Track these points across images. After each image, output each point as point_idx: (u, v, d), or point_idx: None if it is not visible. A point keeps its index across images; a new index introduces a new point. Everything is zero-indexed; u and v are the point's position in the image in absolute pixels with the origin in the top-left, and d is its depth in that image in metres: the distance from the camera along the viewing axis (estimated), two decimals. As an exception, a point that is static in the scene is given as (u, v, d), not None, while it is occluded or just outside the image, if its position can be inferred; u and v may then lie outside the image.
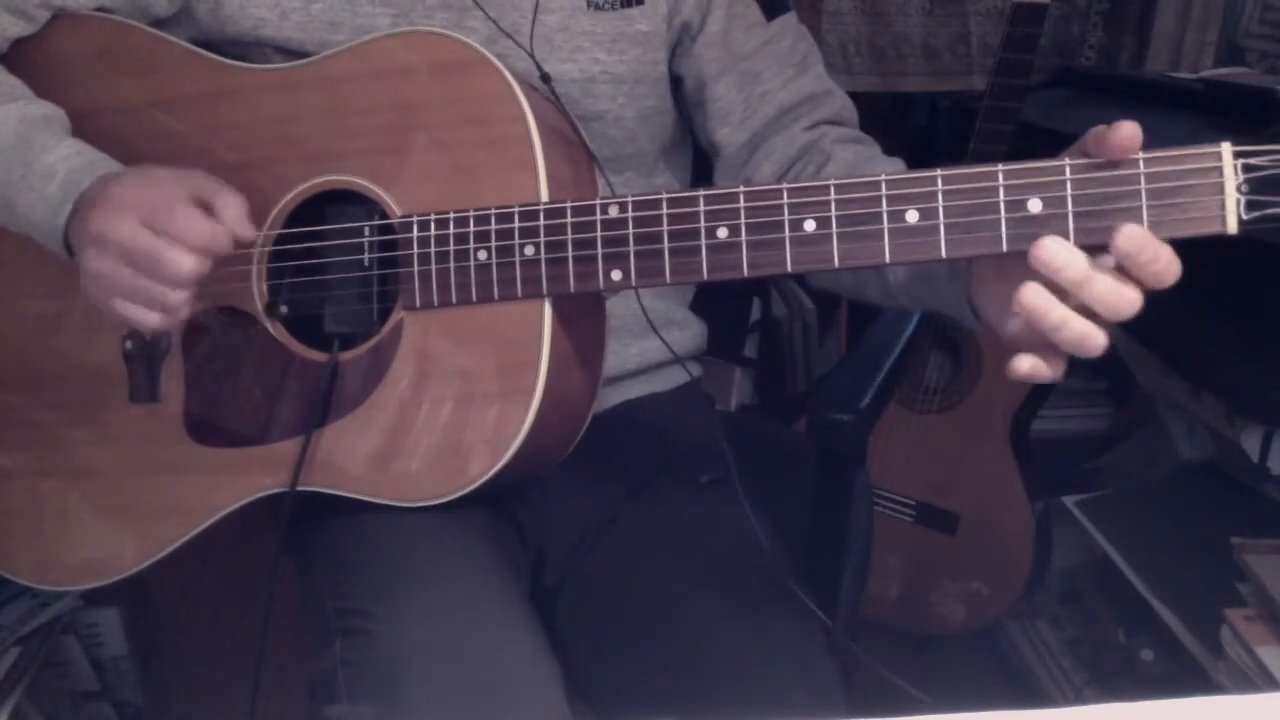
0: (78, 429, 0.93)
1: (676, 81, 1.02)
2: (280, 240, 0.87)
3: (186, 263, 0.80)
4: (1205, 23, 1.83)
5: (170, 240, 0.79)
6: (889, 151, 0.96)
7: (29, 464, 0.95)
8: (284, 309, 0.88)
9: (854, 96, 1.05)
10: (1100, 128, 0.65)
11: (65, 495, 0.94)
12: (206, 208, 0.82)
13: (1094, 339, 0.65)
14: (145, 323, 0.83)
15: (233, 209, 0.83)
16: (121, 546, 0.92)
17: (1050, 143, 0.68)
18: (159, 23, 0.95)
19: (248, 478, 0.87)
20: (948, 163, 0.71)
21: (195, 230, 0.80)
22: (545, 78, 0.89)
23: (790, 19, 1.01)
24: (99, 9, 0.94)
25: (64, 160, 0.86)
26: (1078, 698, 1.59)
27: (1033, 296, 0.64)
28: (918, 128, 2.20)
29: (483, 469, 0.81)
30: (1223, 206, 0.64)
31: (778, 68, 0.99)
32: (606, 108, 0.96)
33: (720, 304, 1.23)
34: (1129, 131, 0.64)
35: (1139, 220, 0.65)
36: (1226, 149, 0.64)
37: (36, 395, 0.95)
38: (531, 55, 0.90)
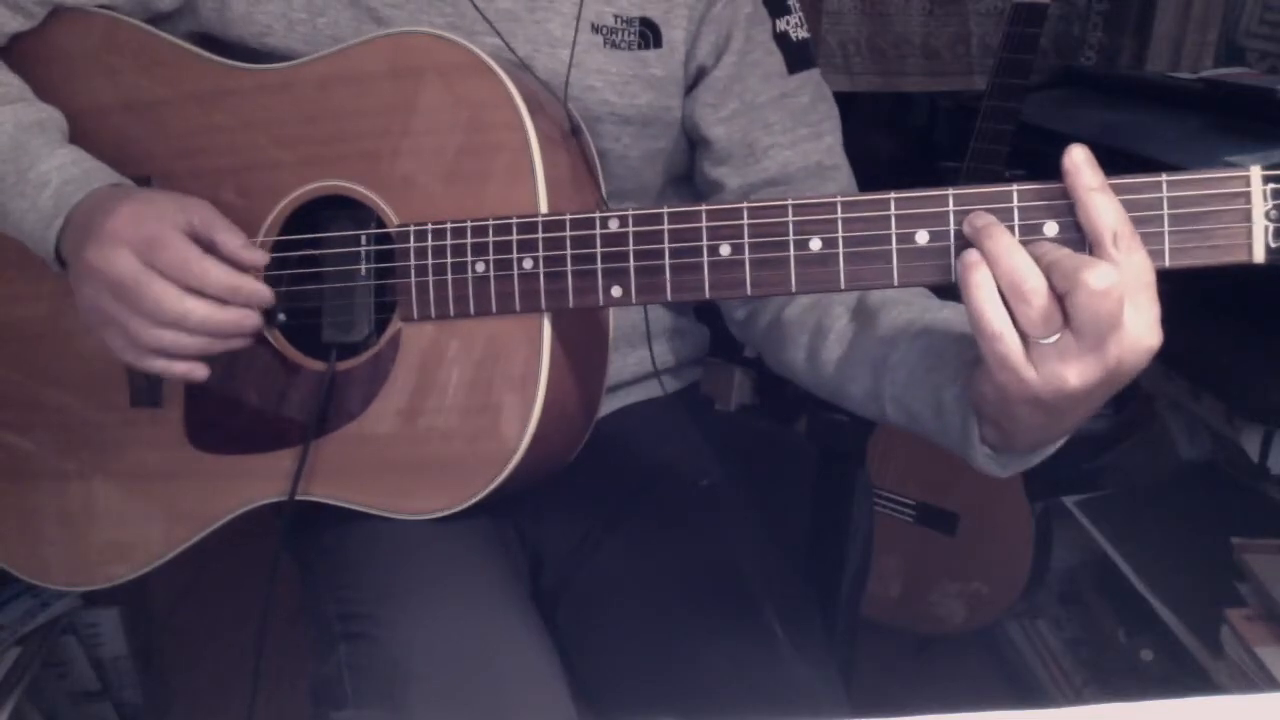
0: (81, 432, 0.93)
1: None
2: (277, 246, 0.86)
3: (170, 299, 0.79)
4: (1205, 23, 1.83)
5: (157, 275, 0.79)
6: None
7: (32, 466, 0.95)
8: (281, 316, 0.87)
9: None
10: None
11: (67, 498, 0.94)
12: (203, 241, 0.82)
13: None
14: (129, 359, 0.83)
15: (229, 244, 0.82)
16: (122, 550, 0.92)
17: (1050, 143, 0.67)
18: (161, 16, 0.95)
19: (247, 486, 0.87)
20: (947, 163, 0.69)
21: (189, 268, 0.80)
22: (576, 130, 0.87)
23: (813, 76, 0.98)
24: (101, 5, 0.94)
25: (58, 170, 0.85)
26: (1078, 698, 1.59)
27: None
28: (918, 128, 2.21)
29: (481, 485, 0.81)
30: (1249, 235, 0.61)
31: (790, 123, 0.96)
32: (610, 147, 0.94)
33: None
34: (1071, 157, 0.61)
35: (1160, 246, 0.62)
36: (1255, 172, 0.61)
37: (40, 398, 0.95)
38: (563, 100, 0.87)
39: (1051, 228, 0.64)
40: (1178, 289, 0.64)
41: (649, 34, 0.93)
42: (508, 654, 0.79)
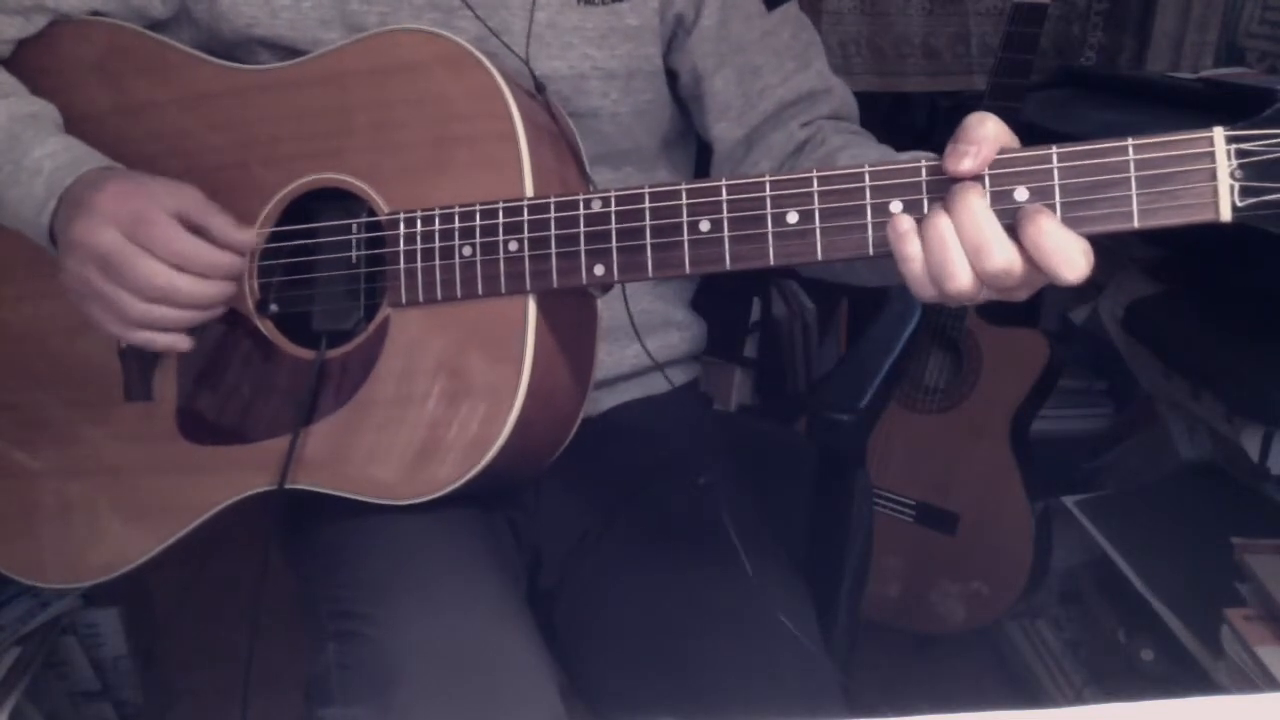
0: (73, 427, 0.94)
1: (673, 75, 1.01)
2: (271, 239, 0.87)
3: (159, 275, 0.80)
4: (1205, 23, 1.83)
5: (144, 251, 0.80)
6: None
7: (22, 461, 0.95)
8: (274, 307, 0.88)
9: (854, 97, 1.04)
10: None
11: (58, 493, 0.94)
12: (194, 226, 0.82)
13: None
14: (114, 332, 0.84)
15: (222, 227, 0.83)
16: (114, 545, 0.92)
17: (1050, 143, 0.67)
18: (158, 25, 0.96)
19: (238, 476, 0.87)
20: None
21: (175, 246, 0.81)
22: (540, 87, 0.88)
23: (791, 9, 1.00)
24: (94, 12, 0.94)
25: (50, 157, 0.86)
26: (1078, 698, 1.59)
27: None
28: (918, 128, 2.20)
29: (466, 467, 0.81)
30: (1215, 193, 0.62)
31: (777, 61, 0.98)
32: (599, 104, 0.96)
33: (720, 304, 1.23)
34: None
35: (1129, 207, 0.64)
36: (1218, 133, 0.62)
37: (32, 393, 0.95)
38: (525, 60, 0.89)
39: (1022, 193, 0.66)
40: (1178, 289, 0.64)
41: None
42: (497, 652, 0.79)
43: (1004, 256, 0.64)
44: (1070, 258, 0.63)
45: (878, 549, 1.12)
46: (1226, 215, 0.63)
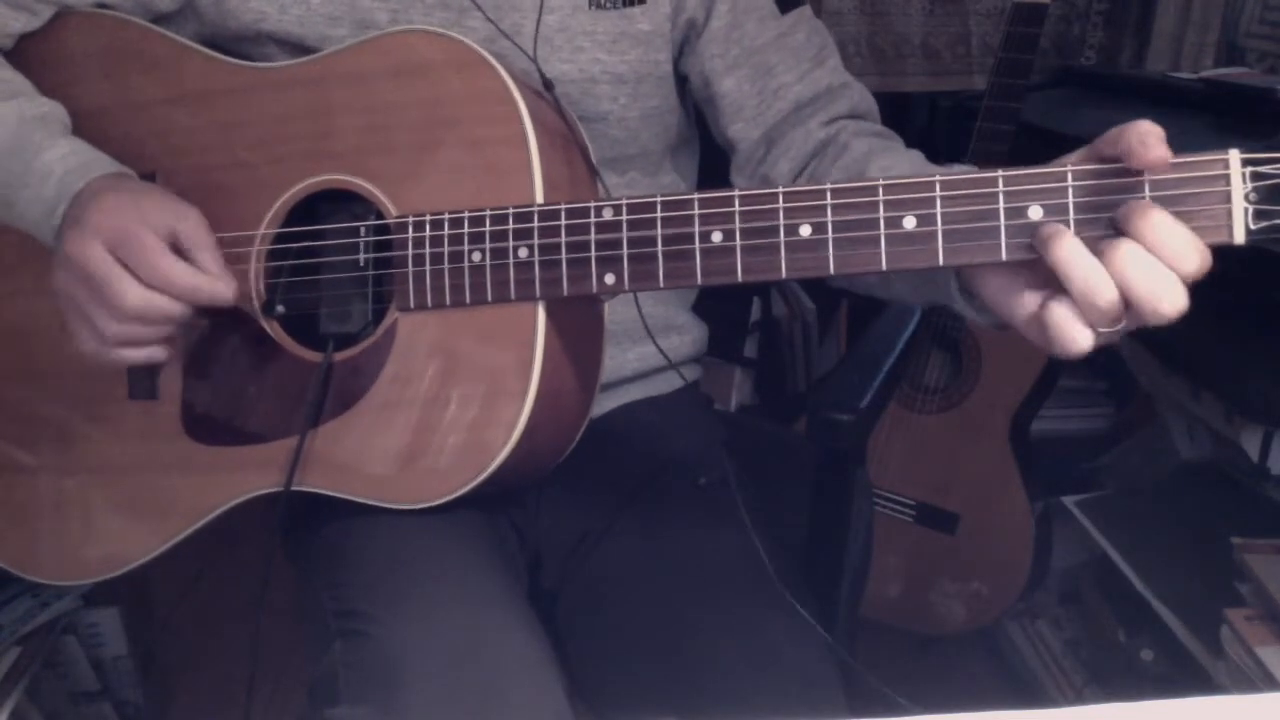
0: (77, 424, 0.93)
1: (684, 79, 1.01)
2: (278, 239, 0.87)
3: (137, 296, 0.79)
4: (1205, 23, 1.83)
5: (125, 271, 0.79)
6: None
7: (27, 458, 0.95)
8: (280, 308, 0.88)
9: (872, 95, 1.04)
10: (1124, 133, 0.63)
11: (62, 490, 0.94)
12: (183, 252, 0.81)
13: (1079, 334, 0.64)
14: (91, 350, 0.83)
15: (208, 264, 0.82)
16: (117, 543, 0.92)
17: (1050, 143, 0.67)
18: (164, 19, 0.95)
19: (243, 477, 0.87)
20: (948, 163, 0.70)
21: (158, 268, 0.79)
22: (549, 85, 0.88)
23: (805, 12, 1.00)
24: (99, 4, 0.94)
25: (60, 160, 0.86)
26: (1078, 698, 1.59)
27: (1070, 244, 0.62)
28: (918, 128, 2.21)
29: (473, 474, 0.81)
30: (1229, 216, 0.62)
31: (792, 61, 0.97)
32: (608, 108, 0.96)
33: (721, 305, 1.23)
34: (1147, 146, 0.61)
35: None
36: (1234, 156, 0.62)
37: (37, 390, 0.95)
38: (534, 59, 0.89)
39: (1036, 211, 0.66)
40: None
41: None
42: (502, 651, 0.79)
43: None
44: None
45: (878, 549, 1.12)
46: (1240, 238, 0.63)
